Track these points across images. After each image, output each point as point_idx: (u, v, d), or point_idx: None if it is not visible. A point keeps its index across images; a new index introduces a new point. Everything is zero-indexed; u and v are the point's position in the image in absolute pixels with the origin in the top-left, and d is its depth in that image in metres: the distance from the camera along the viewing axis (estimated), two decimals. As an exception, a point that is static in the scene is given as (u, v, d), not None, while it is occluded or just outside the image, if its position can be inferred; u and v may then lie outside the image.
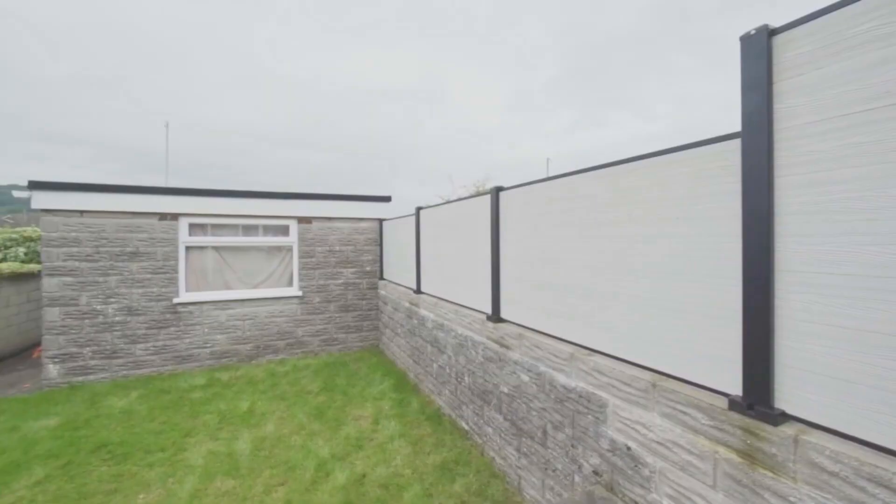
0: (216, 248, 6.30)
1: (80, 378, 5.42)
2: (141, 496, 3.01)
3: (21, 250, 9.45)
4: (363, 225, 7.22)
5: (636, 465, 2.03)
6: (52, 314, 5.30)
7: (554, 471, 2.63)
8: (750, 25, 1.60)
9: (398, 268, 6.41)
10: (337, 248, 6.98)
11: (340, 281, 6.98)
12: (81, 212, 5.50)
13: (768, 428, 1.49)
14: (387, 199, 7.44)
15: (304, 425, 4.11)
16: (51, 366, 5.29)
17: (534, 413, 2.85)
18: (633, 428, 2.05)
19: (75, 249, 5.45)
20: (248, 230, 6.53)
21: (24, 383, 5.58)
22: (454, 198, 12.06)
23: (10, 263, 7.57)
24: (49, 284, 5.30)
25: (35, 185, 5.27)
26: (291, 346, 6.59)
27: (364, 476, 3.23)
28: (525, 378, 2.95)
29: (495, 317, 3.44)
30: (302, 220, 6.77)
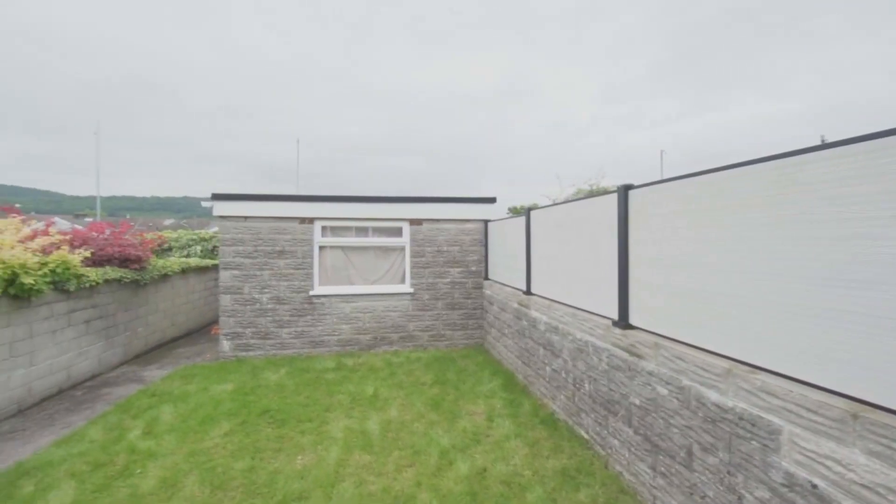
0: (342, 248, 7.10)
1: (244, 353, 6.61)
2: (299, 458, 3.55)
3: (198, 248, 11.89)
4: (469, 226, 7.42)
5: (826, 508, 1.72)
6: (225, 300, 6.58)
7: (703, 497, 2.38)
8: None
9: (505, 268, 6.44)
10: (444, 249, 7.30)
11: (447, 280, 7.28)
12: (245, 217, 6.71)
13: None
14: (492, 200, 7.54)
15: (422, 414, 4.40)
16: (225, 342, 6.56)
17: (674, 430, 2.61)
18: (821, 463, 1.75)
19: (241, 248, 6.67)
20: (368, 231, 7.22)
21: (205, 354, 7.03)
22: (561, 198, 11.64)
23: (195, 259, 9.57)
24: (224, 276, 6.58)
25: (216, 197, 6.59)
26: (403, 339, 7.10)
27: (485, 470, 3.33)
28: (663, 391, 2.72)
29: (623, 323, 3.24)
30: (413, 221, 7.24)
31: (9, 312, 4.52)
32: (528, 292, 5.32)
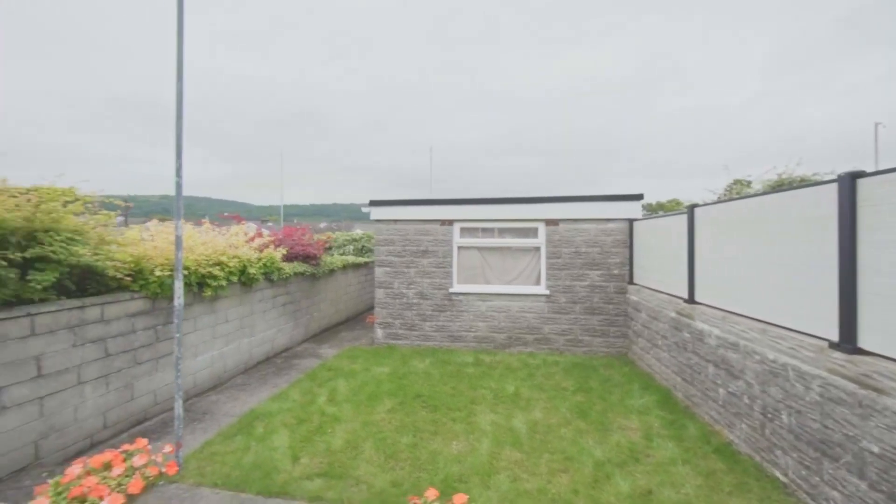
0: (478, 248, 7.38)
1: (393, 342, 7.43)
2: (454, 443, 3.82)
3: (351, 248, 13.81)
4: (611, 226, 6.90)
5: None
6: (379, 293, 7.50)
7: None
8: None
9: (657, 272, 5.80)
10: (583, 250, 6.95)
11: (586, 283, 6.91)
12: (395, 220, 7.53)
13: None
14: (637, 197, 6.87)
15: (568, 420, 4.27)
16: (379, 330, 7.49)
17: (949, 495, 1.96)
18: None
19: (391, 248, 7.51)
20: (503, 232, 7.34)
21: (362, 339, 8.12)
22: (721, 191, 9.96)
23: (351, 257, 11.16)
24: (378, 272, 7.52)
25: (372, 203, 7.56)
26: (538, 340, 7.00)
27: (650, 493, 3.04)
28: (925, 440, 2.07)
29: (848, 346, 2.58)
30: (549, 222, 7.08)
31: (240, 295, 6.00)
32: (690, 300, 4.68)
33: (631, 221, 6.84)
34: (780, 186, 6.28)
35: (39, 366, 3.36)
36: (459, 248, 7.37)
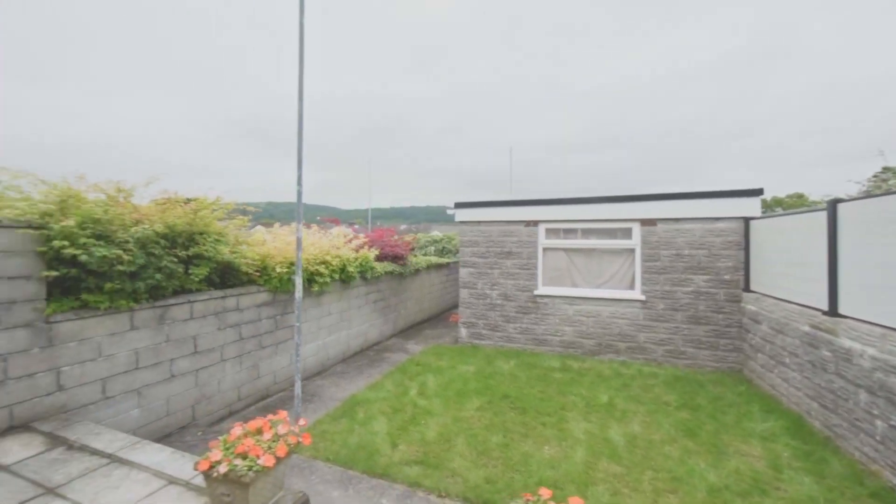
0: (564, 250, 7.12)
1: (477, 341, 7.52)
2: (546, 447, 3.75)
3: (432, 248, 14.29)
4: (720, 225, 6.16)
5: None
6: (463, 294, 7.65)
7: None
8: None
9: (783, 278, 5.02)
10: (685, 252, 6.30)
11: (689, 289, 6.25)
12: (479, 221, 7.62)
13: None
14: (756, 192, 6.02)
15: (673, 438, 3.91)
16: (463, 329, 7.65)
17: None
18: None
19: (475, 249, 7.62)
20: (592, 233, 6.98)
21: (445, 337, 8.36)
22: (865, 183, 8.33)
23: (434, 257, 11.55)
24: (462, 273, 7.68)
25: (457, 205, 7.76)
26: (632, 349, 6.52)
27: (783, 531, 2.66)
28: None
29: None
30: (645, 222, 6.56)
31: (340, 291, 6.59)
32: (831, 313, 3.97)
33: (747, 220, 6.02)
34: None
35: (195, 344, 4.09)
36: (545, 249, 7.19)
